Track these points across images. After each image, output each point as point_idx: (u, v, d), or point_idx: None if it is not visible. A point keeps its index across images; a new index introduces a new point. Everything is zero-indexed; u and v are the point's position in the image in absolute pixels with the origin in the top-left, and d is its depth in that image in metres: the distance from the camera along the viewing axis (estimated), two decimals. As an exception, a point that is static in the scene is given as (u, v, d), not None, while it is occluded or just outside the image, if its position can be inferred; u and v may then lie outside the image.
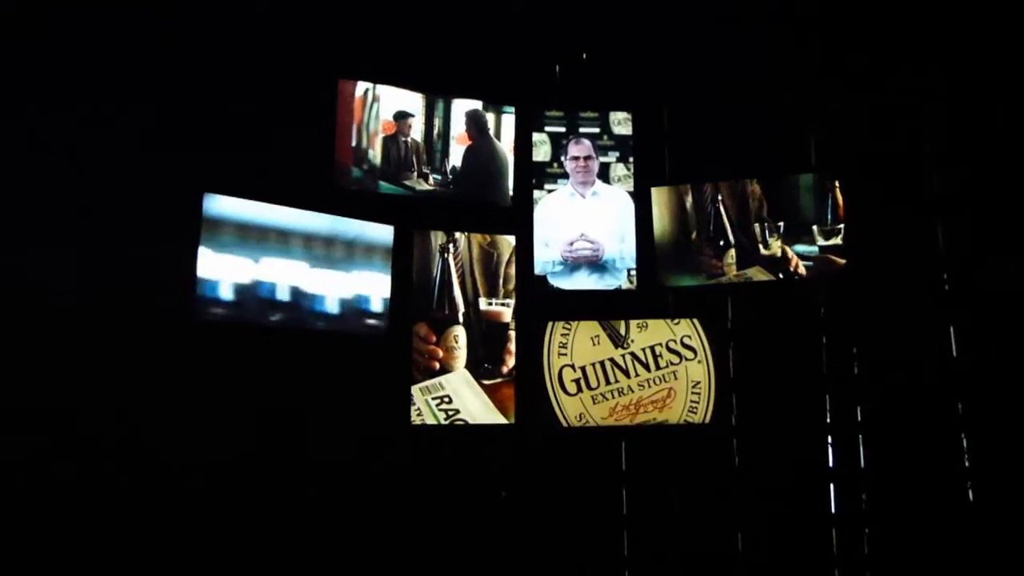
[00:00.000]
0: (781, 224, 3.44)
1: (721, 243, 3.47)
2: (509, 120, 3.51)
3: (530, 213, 3.48)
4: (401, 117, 3.36)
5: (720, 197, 3.48)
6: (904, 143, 3.47)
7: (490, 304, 3.37)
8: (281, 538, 3.00)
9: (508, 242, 3.43)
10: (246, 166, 3.06)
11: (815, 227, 3.41)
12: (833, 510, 3.37)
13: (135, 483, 2.81)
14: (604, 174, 3.54)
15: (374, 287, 3.23)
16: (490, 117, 3.49)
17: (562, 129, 3.55)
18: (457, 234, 3.37)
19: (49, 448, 2.70)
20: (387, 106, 3.35)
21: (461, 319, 3.32)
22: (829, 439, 3.42)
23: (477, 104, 3.48)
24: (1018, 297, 3.26)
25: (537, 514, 3.32)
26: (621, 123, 3.56)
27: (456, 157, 3.44)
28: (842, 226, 3.39)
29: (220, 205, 2.95)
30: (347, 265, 3.17)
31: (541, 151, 3.53)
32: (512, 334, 3.36)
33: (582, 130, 3.55)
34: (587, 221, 3.49)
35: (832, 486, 3.39)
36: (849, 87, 3.52)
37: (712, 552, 3.38)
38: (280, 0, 3.24)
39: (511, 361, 3.35)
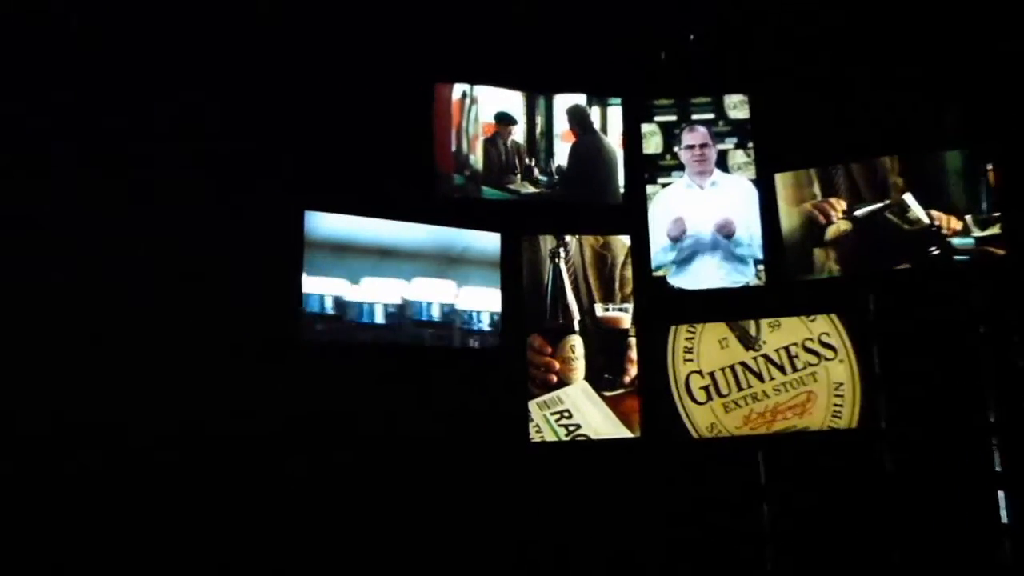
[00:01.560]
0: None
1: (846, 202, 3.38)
2: (616, 112, 3.53)
3: (644, 210, 3.49)
4: (501, 118, 3.42)
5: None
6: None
7: (607, 310, 3.39)
8: (401, 564, 3.06)
9: (622, 243, 3.45)
10: (344, 180, 3.17)
11: (968, 217, 3.31)
12: (1004, 519, 3.25)
13: (246, 500, 2.91)
14: (722, 162, 3.52)
15: (484, 299, 3.29)
16: (595, 111, 3.52)
17: (673, 118, 3.55)
18: (567, 237, 3.40)
19: (166, 465, 2.82)
20: (486, 107, 3.42)
21: (577, 328, 3.35)
22: (993, 440, 3.31)
23: (580, 98, 3.52)
24: None
25: (671, 532, 3.32)
26: (737, 106, 3.54)
27: (561, 156, 3.48)
28: (999, 214, 3.28)
29: (321, 222, 3.06)
30: (454, 277, 3.24)
31: (652, 143, 3.54)
32: (632, 341, 3.37)
33: (695, 117, 3.54)
34: (708, 213, 3.48)
35: (1001, 492, 3.28)
36: (995, 56, 3.42)
37: (866, 569, 3.31)
38: (371, 7, 3.33)
39: (633, 370, 3.36)
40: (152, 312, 2.88)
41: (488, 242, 3.34)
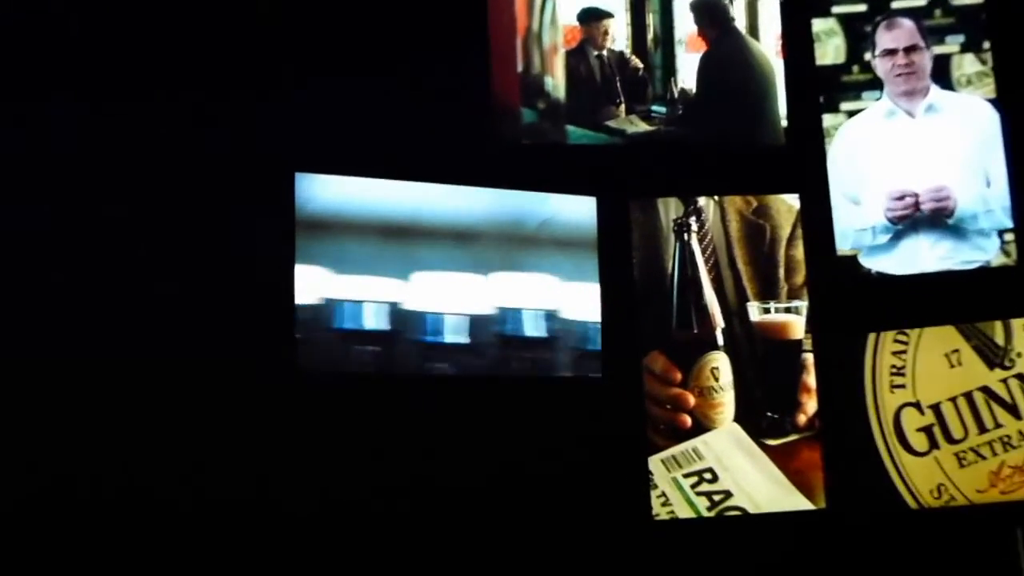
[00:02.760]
0: None
1: None
2: (771, 2, 2.63)
3: (821, 153, 2.60)
4: (591, 18, 2.59)
5: None
6: None
7: (767, 311, 2.52)
8: None
9: (788, 205, 2.57)
10: (357, 126, 2.39)
11: None
12: None
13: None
14: (942, 74, 2.59)
15: (575, 299, 2.47)
16: (738, 1, 2.64)
17: (862, 7, 2.62)
18: (701, 200, 2.54)
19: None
20: (568, 2, 2.58)
21: (721, 340, 2.49)
22: None
23: (714, -18, 2.66)
24: None
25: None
26: (963, -15, 2.62)
27: (688, 74, 2.63)
28: None
29: (319, 189, 2.27)
30: (527, 267, 2.44)
31: (830, 48, 2.62)
32: (808, 359, 2.50)
33: (896, 4, 2.61)
34: (921, 155, 2.55)
35: None
36: None
37: None
38: None
39: (811, 404, 2.49)
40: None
41: (577, 211, 2.49)
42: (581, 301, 2.46)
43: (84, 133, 2.18)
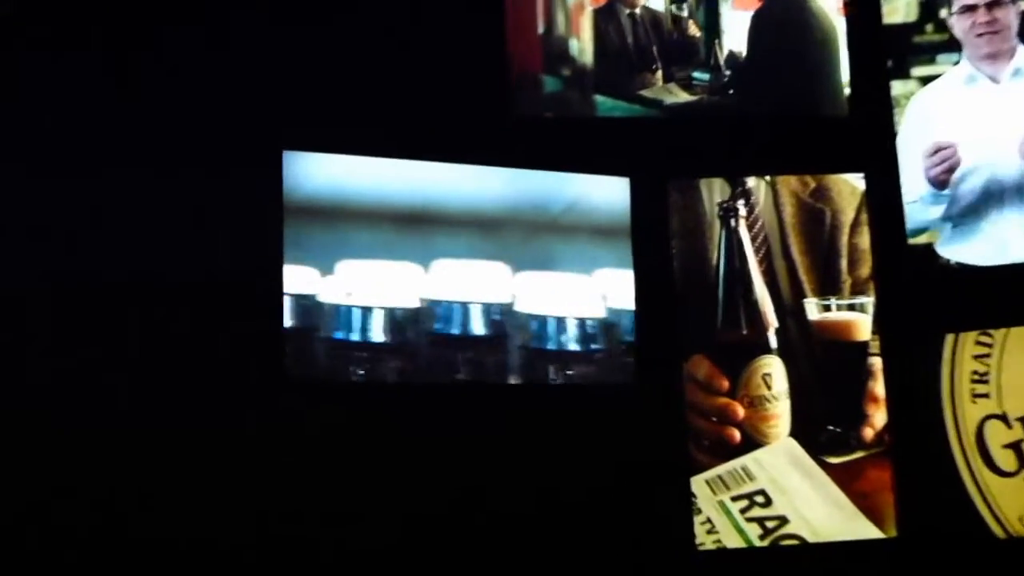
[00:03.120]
0: None
1: None
2: None
3: (889, 126, 2.37)
4: None
5: None
6: None
7: (827, 310, 2.32)
8: None
9: (851, 187, 2.34)
10: (355, 98, 2.18)
11: None
12: None
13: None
14: None
15: (601, 295, 2.27)
16: None
17: None
18: (750, 181, 2.32)
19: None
20: None
21: (773, 342, 2.28)
22: None
23: (766, -69, 2.43)
24: None
25: None
26: (1055, -71, 2.37)
27: (735, 35, 2.41)
28: None
29: (311, 170, 2.08)
30: (550, 260, 2.24)
31: (900, 4, 2.39)
32: (876, 364, 2.28)
33: None
34: (1007, 126, 2.31)
35: None
36: None
37: None
38: None
39: (879, 416, 2.26)
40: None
41: (608, 194, 2.29)
42: (612, 298, 2.25)
43: (56, 114, 1.97)
